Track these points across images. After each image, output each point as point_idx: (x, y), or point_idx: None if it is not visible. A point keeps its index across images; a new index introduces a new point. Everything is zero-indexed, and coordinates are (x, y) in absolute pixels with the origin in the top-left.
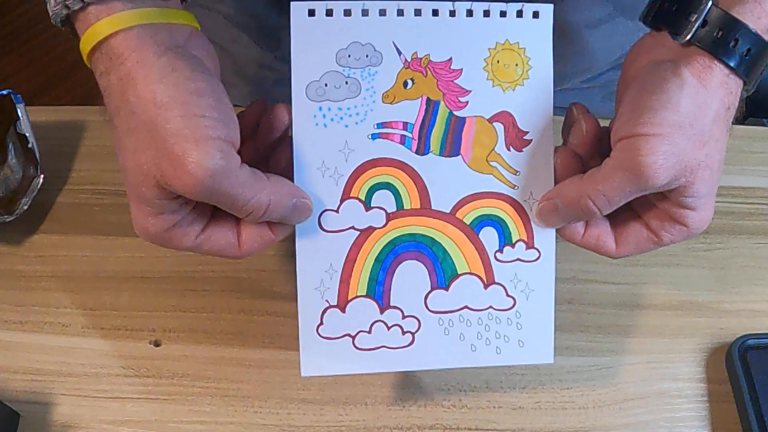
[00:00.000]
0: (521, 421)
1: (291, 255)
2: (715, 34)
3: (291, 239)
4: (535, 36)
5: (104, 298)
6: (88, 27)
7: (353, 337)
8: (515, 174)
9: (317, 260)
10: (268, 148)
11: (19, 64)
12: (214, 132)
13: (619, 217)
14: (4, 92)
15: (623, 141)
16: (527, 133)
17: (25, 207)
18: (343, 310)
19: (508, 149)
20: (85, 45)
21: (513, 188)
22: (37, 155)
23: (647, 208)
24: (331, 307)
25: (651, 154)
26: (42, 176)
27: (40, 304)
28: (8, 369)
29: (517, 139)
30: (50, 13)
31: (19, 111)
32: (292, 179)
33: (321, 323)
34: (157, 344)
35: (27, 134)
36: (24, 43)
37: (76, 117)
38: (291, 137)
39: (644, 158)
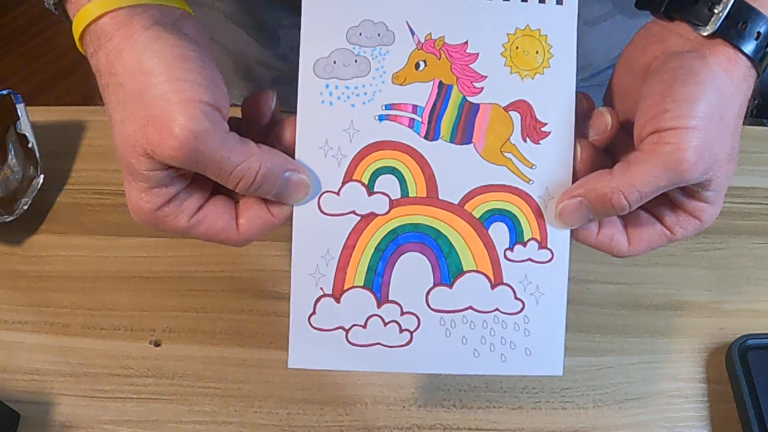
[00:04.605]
0: (521, 421)
1: (291, 255)
2: (739, 25)
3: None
4: (558, 23)
5: (104, 298)
6: (79, 9)
7: (347, 331)
8: (531, 167)
9: (314, 244)
10: (261, 135)
11: (19, 64)
12: (198, 95)
13: (630, 214)
14: (4, 92)
15: (657, 134)
16: (546, 124)
17: (25, 207)
18: (338, 301)
19: (525, 140)
20: (77, 28)
21: (528, 183)
22: (37, 155)
23: (661, 203)
24: (325, 295)
25: (689, 147)
26: (42, 176)
27: (39, 304)
28: (8, 369)
29: (534, 131)
30: None
31: (19, 111)
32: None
33: (314, 312)
34: (157, 344)
35: (27, 134)
36: (24, 43)
37: (76, 117)
38: (285, 121)
39: (683, 152)
